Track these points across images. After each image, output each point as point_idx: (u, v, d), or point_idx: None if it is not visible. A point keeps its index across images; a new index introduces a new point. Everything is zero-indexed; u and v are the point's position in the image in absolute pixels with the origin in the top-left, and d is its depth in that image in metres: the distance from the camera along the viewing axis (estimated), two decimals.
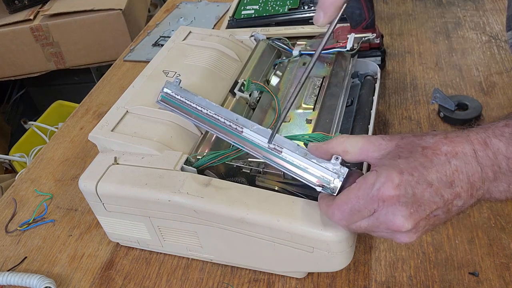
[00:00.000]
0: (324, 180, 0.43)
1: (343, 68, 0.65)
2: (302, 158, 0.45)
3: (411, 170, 0.37)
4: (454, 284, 0.49)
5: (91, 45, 1.44)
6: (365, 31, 0.75)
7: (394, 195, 0.37)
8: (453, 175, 0.37)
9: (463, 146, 0.38)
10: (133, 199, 0.50)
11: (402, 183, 0.37)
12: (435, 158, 0.38)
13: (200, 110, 0.52)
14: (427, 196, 0.37)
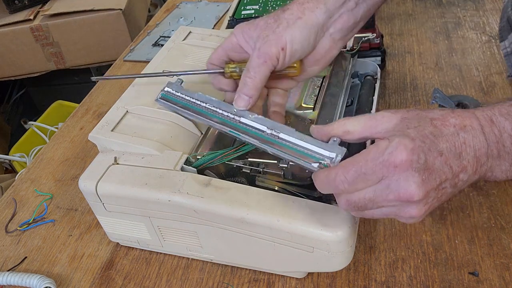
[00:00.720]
0: (321, 158, 0.42)
1: (343, 68, 0.65)
2: (298, 141, 0.44)
3: (423, 138, 0.36)
4: (454, 284, 0.49)
5: (91, 45, 1.45)
6: (365, 31, 0.75)
7: (407, 160, 0.35)
8: (461, 147, 0.37)
9: (470, 120, 0.38)
10: (133, 199, 0.50)
11: (415, 149, 0.36)
12: (444, 128, 0.37)
13: (199, 104, 0.52)
14: (438, 165, 0.36)
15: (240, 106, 0.48)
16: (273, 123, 0.47)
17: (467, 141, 0.37)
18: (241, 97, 0.48)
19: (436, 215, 0.56)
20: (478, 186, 0.59)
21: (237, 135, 0.48)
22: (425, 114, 0.39)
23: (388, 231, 0.55)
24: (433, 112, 0.39)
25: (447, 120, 0.38)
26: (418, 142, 0.36)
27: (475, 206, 0.57)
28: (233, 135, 0.48)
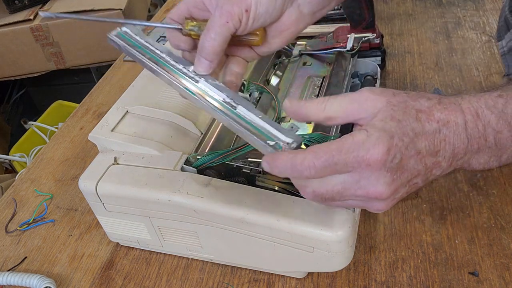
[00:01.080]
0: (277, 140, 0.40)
1: (343, 68, 0.65)
2: (256, 118, 0.42)
3: (402, 135, 0.35)
4: (454, 284, 0.49)
5: (91, 45, 1.45)
6: (365, 31, 0.75)
7: (382, 160, 0.34)
8: (440, 144, 0.37)
9: (455, 115, 0.37)
10: (133, 199, 0.50)
11: (392, 148, 0.35)
12: (427, 124, 0.37)
13: (158, 54, 0.48)
14: (412, 164, 0.36)
15: (200, 71, 0.45)
16: (234, 94, 0.44)
17: (447, 139, 0.37)
18: (201, 61, 0.45)
19: (436, 215, 0.56)
20: (478, 186, 0.59)
21: (192, 95, 0.45)
22: (412, 104, 0.37)
23: (388, 231, 0.55)
24: (420, 101, 0.38)
25: (432, 113, 0.37)
26: (396, 140, 0.35)
27: (475, 206, 0.57)
28: (189, 95, 0.45)
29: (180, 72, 0.46)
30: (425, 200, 0.58)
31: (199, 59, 0.45)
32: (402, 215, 0.57)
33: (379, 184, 0.35)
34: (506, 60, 0.72)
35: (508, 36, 0.68)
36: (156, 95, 0.59)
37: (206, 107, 0.44)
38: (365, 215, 0.57)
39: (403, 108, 0.37)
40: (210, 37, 0.44)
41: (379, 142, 0.35)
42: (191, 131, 0.56)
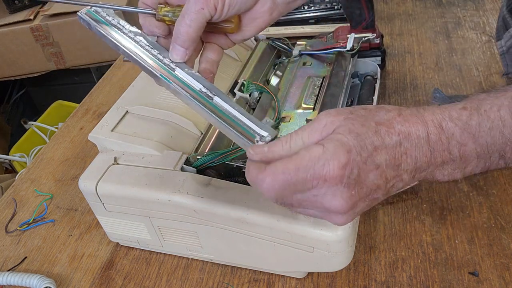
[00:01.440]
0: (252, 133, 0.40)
1: (343, 68, 0.65)
2: (232, 109, 0.42)
3: (360, 149, 0.35)
4: (454, 284, 0.49)
5: (91, 45, 1.44)
6: (365, 31, 0.75)
7: (338, 175, 0.34)
8: (401, 158, 0.36)
9: (417, 127, 0.36)
10: (133, 199, 0.50)
11: (349, 163, 0.34)
12: (387, 137, 0.36)
13: (132, 38, 0.46)
14: (371, 178, 0.35)
15: (175, 58, 0.45)
16: (210, 84, 0.44)
17: (409, 152, 0.36)
18: (176, 48, 0.44)
19: (436, 215, 0.56)
20: (478, 186, 0.59)
21: (168, 82, 0.44)
22: (370, 116, 0.37)
23: (388, 231, 0.55)
24: (379, 114, 0.37)
25: (392, 126, 0.36)
26: (353, 155, 0.34)
27: (475, 206, 0.57)
28: (164, 81, 0.44)
29: (155, 58, 0.45)
30: (425, 200, 0.58)
31: (174, 46, 0.44)
32: (402, 215, 0.57)
33: (336, 199, 0.35)
34: (505, 59, 0.72)
35: (507, 36, 0.68)
36: (156, 95, 0.59)
37: (183, 96, 0.43)
38: (365, 215, 0.57)
39: (362, 121, 0.36)
40: (185, 23, 0.43)
41: (334, 157, 0.34)
42: (191, 131, 0.56)
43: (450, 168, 0.38)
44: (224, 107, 0.42)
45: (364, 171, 0.35)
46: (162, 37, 0.48)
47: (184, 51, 0.44)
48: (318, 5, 0.93)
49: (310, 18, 0.93)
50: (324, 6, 0.92)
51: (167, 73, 0.44)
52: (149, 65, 0.45)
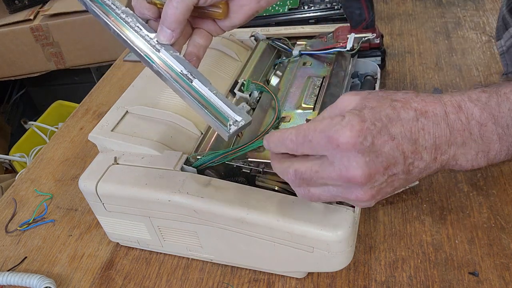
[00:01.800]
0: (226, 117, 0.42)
1: (343, 68, 0.65)
2: (210, 93, 0.43)
3: (375, 120, 0.35)
4: (454, 284, 0.49)
5: (91, 45, 1.45)
6: (365, 31, 0.75)
7: (350, 142, 0.34)
8: (418, 133, 0.36)
9: (434, 106, 0.37)
10: (133, 199, 0.50)
11: (362, 131, 0.34)
12: (403, 111, 0.36)
13: (123, 18, 0.48)
14: (387, 149, 0.35)
15: (162, 39, 0.46)
16: (192, 67, 0.45)
17: (426, 128, 0.36)
18: (163, 29, 0.46)
19: (436, 215, 0.56)
20: (478, 186, 0.59)
21: (151, 62, 0.46)
22: (387, 95, 0.38)
23: (388, 231, 0.55)
24: (396, 93, 0.38)
25: (408, 103, 0.36)
26: (367, 124, 0.35)
27: (475, 206, 0.57)
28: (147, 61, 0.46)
29: (143, 38, 0.47)
30: (425, 200, 0.58)
31: (162, 28, 0.46)
32: (402, 215, 0.57)
33: (351, 166, 0.35)
34: (505, 59, 0.72)
35: (507, 35, 0.68)
36: (156, 95, 0.59)
37: (163, 77, 0.45)
38: (365, 215, 0.57)
39: (378, 99, 0.37)
40: (172, 5, 0.45)
41: (348, 124, 0.35)
42: (191, 131, 0.56)
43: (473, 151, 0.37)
44: (202, 90, 0.44)
45: (379, 140, 0.35)
46: (152, 20, 0.49)
47: (171, 33, 0.46)
48: (318, 5, 0.93)
49: (310, 18, 0.93)
50: (324, 6, 0.93)
51: (152, 54, 0.46)
52: (135, 45, 0.47)
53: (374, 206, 0.58)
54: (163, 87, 0.60)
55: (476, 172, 0.61)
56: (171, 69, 0.45)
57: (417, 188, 0.60)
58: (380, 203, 0.59)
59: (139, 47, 0.47)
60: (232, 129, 0.41)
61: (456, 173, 0.61)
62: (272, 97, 0.60)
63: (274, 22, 0.95)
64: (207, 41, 0.52)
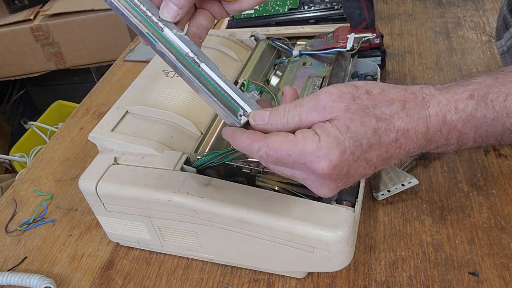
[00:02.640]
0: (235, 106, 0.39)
1: (343, 68, 0.65)
2: (218, 79, 0.40)
3: (354, 149, 0.35)
4: (454, 284, 0.49)
5: (91, 45, 1.45)
6: (365, 31, 0.75)
7: (327, 174, 0.35)
8: (394, 151, 0.36)
9: (417, 123, 0.36)
10: (133, 199, 0.50)
11: (339, 164, 0.35)
12: (385, 135, 0.36)
13: None
14: (360, 170, 0.36)
15: (166, 16, 0.42)
16: (199, 50, 0.42)
17: (404, 146, 0.36)
18: (169, 5, 0.42)
19: (436, 215, 0.56)
20: (478, 186, 0.59)
21: (154, 41, 0.42)
22: (372, 111, 0.36)
23: (388, 231, 0.55)
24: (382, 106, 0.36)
25: (392, 123, 0.36)
26: (346, 155, 0.35)
27: (475, 206, 0.57)
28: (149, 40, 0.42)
29: (144, 15, 0.42)
30: (425, 200, 0.58)
31: (167, 4, 0.42)
32: (402, 215, 0.57)
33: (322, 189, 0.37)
34: (505, 59, 0.72)
35: (507, 35, 0.68)
36: (156, 95, 0.59)
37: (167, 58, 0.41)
38: (365, 215, 0.57)
39: (362, 116, 0.36)
40: None
41: (326, 157, 0.35)
42: (191, 131, 0.56)
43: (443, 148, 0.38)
44: (211, 75, 0.40)
45: (354, 167, 0.36)
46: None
47: (177, 10, 0.42)
48: (318, 5, 0.93)
49: (310, 18, 0.93)
50: (324, 6, 0.93)
51: (155, 32, 0.42)
52: (136, 21, 0.42)
53: (374, 206, 0.58)
54: (163, 87, 0.60)
55: (476, 172, 0.61)
56: (176, 50, 0.41)
57: (417, 188, 0.60)
58: (380, 203, 0.59)
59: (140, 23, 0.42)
60: (243, 120, 0.39)
61: (456, 173, 0.61)
62: (272, 97, 0.60)
63: (274, 22, 0.95)
64: (210, 24, 0.48)
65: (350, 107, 0.36)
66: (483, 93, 0.37)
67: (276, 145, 0.36)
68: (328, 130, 0.36)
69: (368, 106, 0.36)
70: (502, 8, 0.71)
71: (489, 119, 0.37)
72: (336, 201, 0.48)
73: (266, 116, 0.38)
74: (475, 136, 0.38)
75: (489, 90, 0.37)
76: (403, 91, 0.38)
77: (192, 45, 0.42)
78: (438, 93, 0.38)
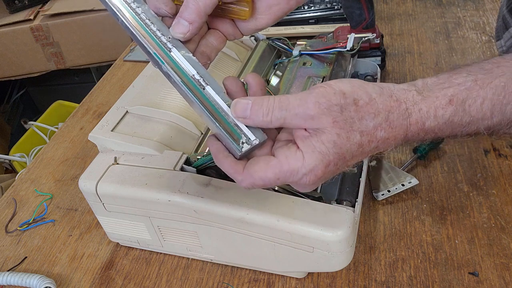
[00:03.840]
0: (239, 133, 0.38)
1: (343, 68, 0.65)
2: (223, 103, 0.39)
3: (338, 161, 0.37)
4: (454, 284, 0.49)
5: (91, 45, 1.44)
6: (365, 31, 0.75)
7: (312, 183, 0.37)
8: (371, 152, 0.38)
9: (398, 132, 0.38)
10: (133, 199, 0.50)
11: (324, 175, 0.37)
12: (367, 146, 0.37)
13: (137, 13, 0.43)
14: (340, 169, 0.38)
15: (177, 32, 0.41)
16: (206, 72, 0.41)
17: (380, 148, 0.38)
18: (180, 22, 0.41)
19: (436, 215, 0.56)
20: (478, 186, 0.59)
21: (161, 62, 0.41)
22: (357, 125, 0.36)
23: (388, 231, 0.55)
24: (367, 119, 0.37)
25: (375, 136, 0.37)
26: (330, 167, 0.37)
27: (475, 206, 0.57)
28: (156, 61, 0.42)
29: (153, 35, 0.42)
30: (425, 200, 0.58)
31: (179, 21, 0.41)
32: (402, 215, 0.57)
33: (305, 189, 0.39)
34: None
35: (507, 35, 0.68)
36: (156, 95, 0.59)
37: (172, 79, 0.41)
38: (365, 215, 0.57)
39: (348, 131, 0.36)
40: None
41: (312, 172, 0.36)
42: (191, 131, 0.56)
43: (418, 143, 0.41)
44: (215, 99, 0.40)
45: (335, 172, 0.38)
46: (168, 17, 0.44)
47: (188, 26, 0.41)
48: (318, 5, 0.93)
49: (310, 18, 0.93)
50: (324, 6, 0.93)
51: (162, 53, 0.41)
52: (144, 40, 0.42)
53: (374, 206, 0.58)
54: (163, 87, 0.60)
55: (476, 172, 0.61)
56: (182, 72, 0.41)
57: (417, 188, 0.60)
58: (380, 203, 0.59)
59: (148, 42, 0.42)
60: (245, 148, 0.38)
61: (456, 173, 0.61)
62: None
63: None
64: (221, 44, 0.47)
65: (338, 120, 0.36)
66: (462, 98, 0.38)
67: (262, 174, 0.37)
68: (313, 145, 0.36)
69: (354, 120, 0.37)
70: (501, 8, 0.71)
71: (465, 123, 0.39)
72: (336, 201, 0.48)
73: (248, 109, 0.38)
74: (449, 135, 0.40)
75: (468, 94, 0.38)
76: (389, 99, 0.38)
77: (200, 67, 0.41)
78: (420, 100, 0.38)
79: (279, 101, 0.37)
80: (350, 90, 0.37)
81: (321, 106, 0.36)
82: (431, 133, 0.39)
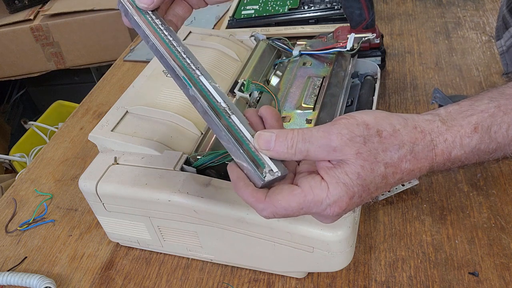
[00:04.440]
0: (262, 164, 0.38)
1: (343, 68, 0.65)
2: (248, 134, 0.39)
3: (362, 192, 0.36)
4: (454, 284, 0.49)
5: (91, 45, 1.44)
6: (365, 31, 0.75)
7: (336, 215, 0.37)
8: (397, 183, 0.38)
9: (424, 164, 0.37)
10: (133, 199, 0.50)
11: (348, 207, 0.36)
12: (392, 178, 0.37)
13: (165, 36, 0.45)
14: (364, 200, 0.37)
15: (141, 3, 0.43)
16: (231, 102, 0.41)
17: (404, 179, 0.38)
18: None
19: (436, 215, 0.56)
20: (478, 186, 0.59)
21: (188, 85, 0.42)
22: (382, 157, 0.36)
23: (388, 231, 0.55)
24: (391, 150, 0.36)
25: (399, 167, 0.36)
26: (355, 199, 0.36)
27: (475, 206, 0.57)
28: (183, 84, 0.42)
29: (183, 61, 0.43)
30: (425, 200, 0.58)
31: None
32: (402, 215, 0.57)
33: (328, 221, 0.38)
34: (505, 59, 0.72)
35: (507, 35, 0.69)
36: (156, 95, 0.59)
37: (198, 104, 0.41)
38: (365, 215, 0.57)
39: (372, 163, 0.36)
40: None
41: (336, 204, 0.36)
42: (191, 131, 0.56)
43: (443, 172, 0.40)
44: (240, 128, 0.39)
45: (359, 204, 0.37)
46: None
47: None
48: (318, 5, 0.93)
49: (310, 18, 0.93)
50: (324, 6, 0.93)
51: (191, 77, 0.42)
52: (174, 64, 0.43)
53: (374, 206, 0.58)
54: (163, 87, 0.60)
55: (476, 172, 0.61)
56: (209, 97, 0.41)
57: (417, 188, 0.60)
58: (380, 203, 0.59)
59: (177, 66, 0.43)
60: (268, 178, 0.37)
61: (456, 173, 0.61)
62: (272, 97, 0.60)
63: (274, 22, 0.95)
64: (186, 13, 0.48)
65: (361, 151, 0.35)
66: (487, 126, 0.38)
67: (285, 204, 0.36)
68: (337, 176, 0.36)
69: (378, 151, 0.36)
70: (501, 8, 0.71)
71: (491, 150, 0.38)
72: None
73: (272, 141, 0.37)
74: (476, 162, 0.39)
75: (493, 121, 0.38)
76: (413, 130, 0.37)
77: (225, 96, 0.41)
78: (445, 130, 0.38)
79: (303, 134, 0.37)
80: (373, 122, 0.37)
81: (343, 138, 0.35)
82: (458, 162, 0.38)
